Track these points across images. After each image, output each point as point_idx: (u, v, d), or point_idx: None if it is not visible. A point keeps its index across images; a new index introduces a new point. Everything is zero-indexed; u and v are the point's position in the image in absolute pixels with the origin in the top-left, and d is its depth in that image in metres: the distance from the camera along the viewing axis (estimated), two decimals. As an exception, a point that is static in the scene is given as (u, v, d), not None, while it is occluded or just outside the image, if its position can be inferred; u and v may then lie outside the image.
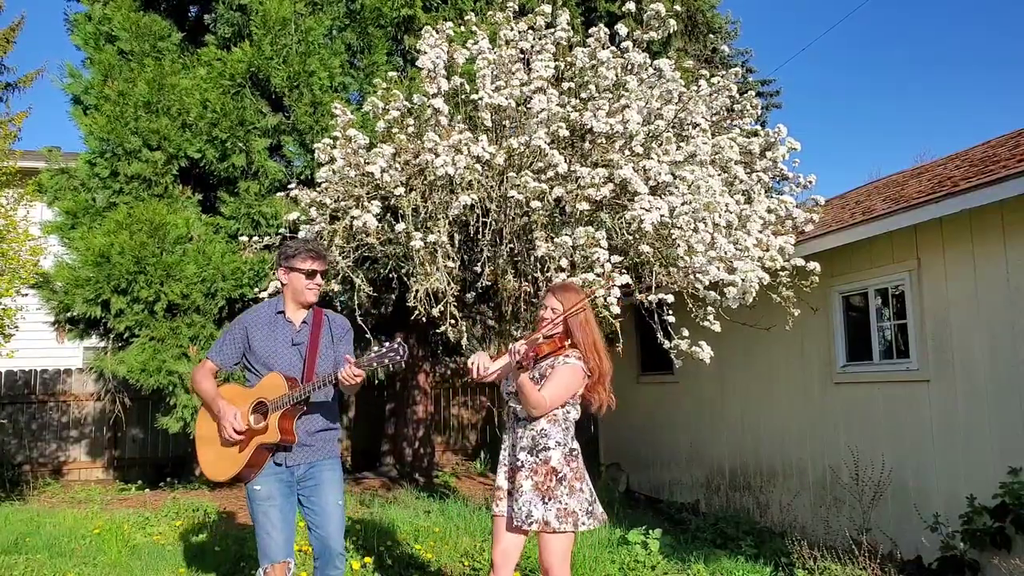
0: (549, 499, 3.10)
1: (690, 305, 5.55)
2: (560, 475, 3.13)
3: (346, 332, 3.46)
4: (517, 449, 3.22)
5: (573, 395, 3.23)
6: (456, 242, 5.59)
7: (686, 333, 5.39)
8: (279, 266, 3.40)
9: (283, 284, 3.40)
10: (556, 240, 5.02)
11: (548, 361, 3.24)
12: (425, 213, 5.38)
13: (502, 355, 3.35)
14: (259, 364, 3.32)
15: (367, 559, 4.93)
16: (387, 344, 3.04)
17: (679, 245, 5.10)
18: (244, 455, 3.22)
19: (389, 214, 5.58)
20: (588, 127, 5.39)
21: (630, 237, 5.25)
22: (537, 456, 3.15)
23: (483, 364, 3.21)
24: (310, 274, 3.33)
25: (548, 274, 5.18)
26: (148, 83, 7.46)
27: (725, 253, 5.17)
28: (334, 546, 3.32)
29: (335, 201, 5.58)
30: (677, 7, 6.02)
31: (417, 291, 5.30)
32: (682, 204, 5.07)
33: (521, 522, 3.11)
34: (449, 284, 5.29)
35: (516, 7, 5.93)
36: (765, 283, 5.37)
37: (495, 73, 5.59)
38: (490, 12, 6.05)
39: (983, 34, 42.04)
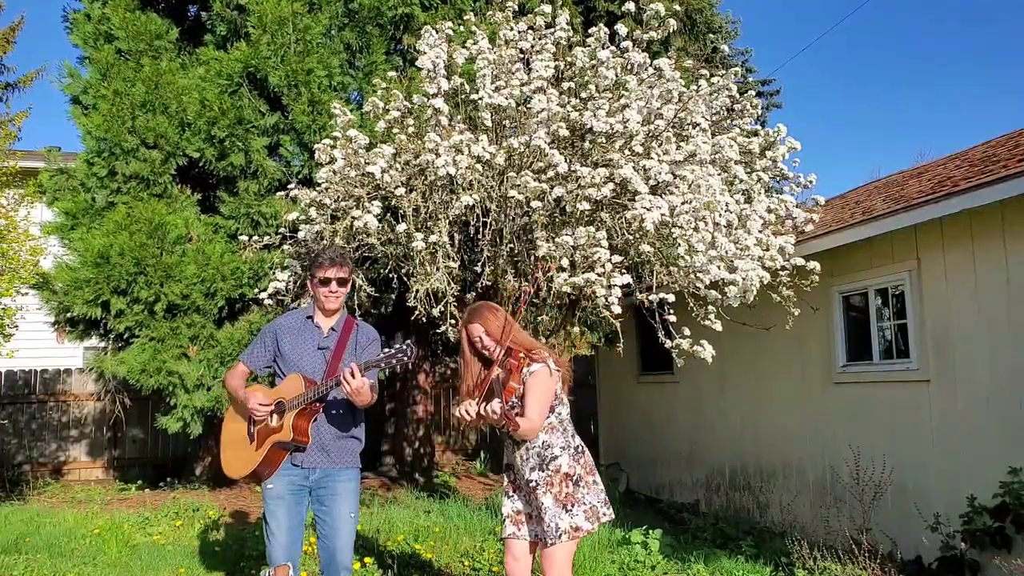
0: (572, 504, 3.08)
1: (691, 304, 5.54)
2: (575, 477, 3.12)
3: (372, 341, 3.46)
4: (526, 470, 3.17)
5: (555, 397, 3.17)
6: (456, 242, 5.59)
7: (687, 332, 5.38)
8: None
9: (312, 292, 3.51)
10: (557, 240, 5.02)
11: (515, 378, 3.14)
12: (426, 213, 5.37)
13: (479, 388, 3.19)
14: (286, 368, 3.38)
15: (367, 559, 4.93)
16: (395, 346, 3.05)
17: (680, 244, 5.09)
18: (260, 453, 3.26)
19: (389, 214, 5.57)
20: (588, 127, 5.38)
21: (631, 237, 5.24)
22: (548, 468, 3.12)
23: (469, 411, 3.03)
24: (323, 281, 3.37)
25: (549, 274, 5.17)
26: (145, 82, 7.45)
27: (726, 252, 5.16)
28: (341, 559, 3.30)
29: (335, 201, 5.57)
30: (676, 6, 6.00)
31: (417, 291, 5.29)
32: (682, 203, 5.06)
33: (554, 539, 3.05)
34: (449, 284, 5.28)
35: (516, 7, 5.91)
36: (765, 282, 5.37)
37: (495, 73, 5.57)
38: (490, 12, 6.04)
39: (983, 34, 42.03)
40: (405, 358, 3.02)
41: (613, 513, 3.21)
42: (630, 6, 6.04)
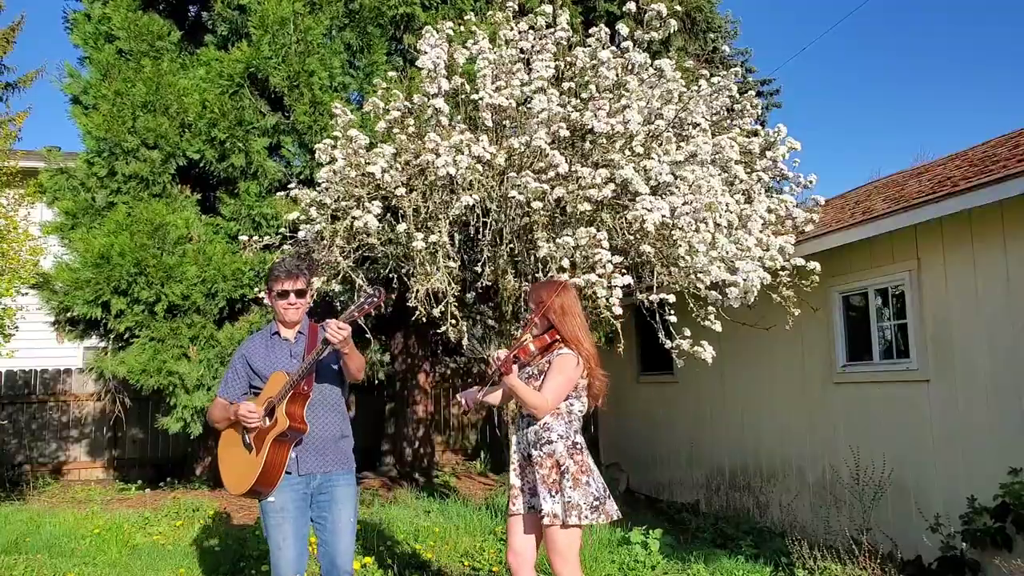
0: (556, 492, 3.14)
1: (691, 305, 5.54)
2: (563, 468, 3.15)
3: None
4: (526, 445, 3.28)
5: (574, 387, 3.27)
6: (456, 242, 5.59)
7: (688, 333, 5.38)
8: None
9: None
10: (558, 240, 5.02)
11: (546, 358, 3.28)
12: (426, 213, 5.38)
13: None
14: (265, 382, 3.34)
15: (367, 559, 4.93)
16: (363, 293, 3.13)
17: (680, 245, 5.09)
18: (261, 456, 3.18)
19: (390, 214, 5.57)
20: (589, 127, 5.38)
21: (631, 237, 5.24)
22: (541, 449, 3.20)
23: (470, 399, 3.41)
24: (281, 295, 3.34)
25: (549, 274, 5.17)
26: (146, 82, 7.45)
27: (726, 253, 5.17)
28: (342, 564, 3.28)
29: (336, 201, 5.57)
30: (677, 7, 6.00)
31: (417, 291, 5.29)
32: (683, 204, 5.07)
33: (547, 518, 3.13)
34: (449, 284, 5.28)
35: (516, 7, 5.92)
36: (766, 283, 5.37)
37: (495, 73, 5.58)
38: (490, 12, 6.04)
39: (983, 34, 42.04)
40: (376, 299, 3.13)
41: (603, 519, 3.16)
42: (631, 6, 6.04)
